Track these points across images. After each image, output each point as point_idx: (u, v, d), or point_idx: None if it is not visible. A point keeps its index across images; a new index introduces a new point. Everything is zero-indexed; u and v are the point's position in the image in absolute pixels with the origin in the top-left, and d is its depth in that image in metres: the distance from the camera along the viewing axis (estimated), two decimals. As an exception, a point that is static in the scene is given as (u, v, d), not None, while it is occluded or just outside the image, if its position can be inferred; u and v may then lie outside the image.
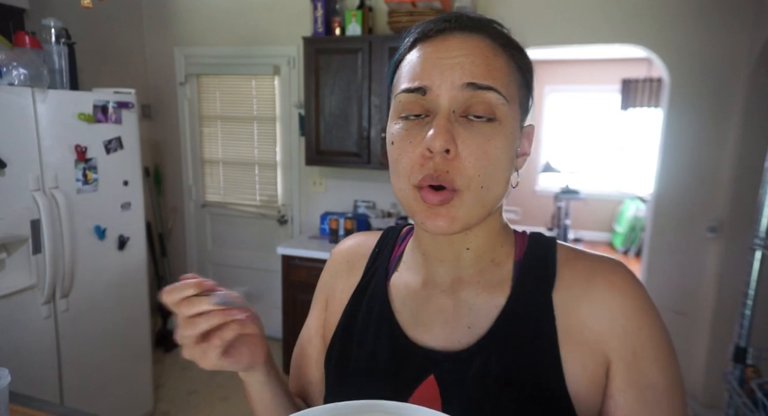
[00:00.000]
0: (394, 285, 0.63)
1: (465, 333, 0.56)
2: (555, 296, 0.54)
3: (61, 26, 2.11)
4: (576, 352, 0.52)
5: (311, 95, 2.86)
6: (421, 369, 0.56)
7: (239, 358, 0.55)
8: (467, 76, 0.49)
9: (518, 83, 0.53)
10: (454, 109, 0.50)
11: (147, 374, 2.60)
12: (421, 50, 0.53)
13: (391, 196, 3.16)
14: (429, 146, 0.48)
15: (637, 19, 2.59)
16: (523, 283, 0.56)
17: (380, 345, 0.60)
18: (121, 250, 2.37)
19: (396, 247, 0.68)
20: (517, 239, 0.60)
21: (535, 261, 0.57)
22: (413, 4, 2.54)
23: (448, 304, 0.58)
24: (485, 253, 0.58)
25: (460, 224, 0.51)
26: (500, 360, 0.53)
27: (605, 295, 0.52)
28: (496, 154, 0.50)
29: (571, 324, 0.52)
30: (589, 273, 0.54)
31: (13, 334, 1.93)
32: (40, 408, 1.15)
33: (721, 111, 2.54)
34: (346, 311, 0.65)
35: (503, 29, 0.55)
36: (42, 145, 1.99)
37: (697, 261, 2.67)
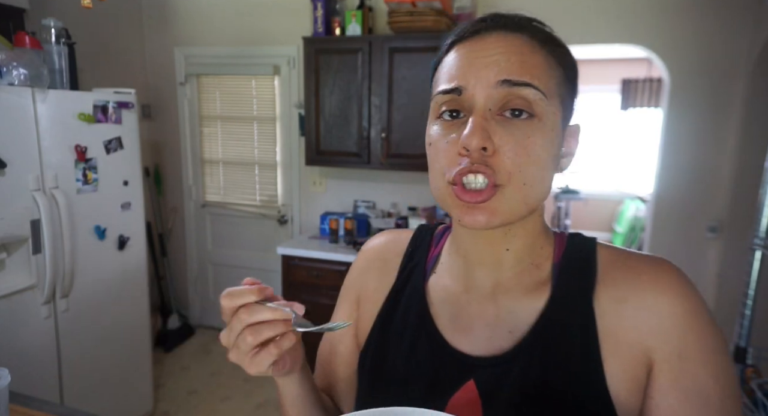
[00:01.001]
0: (432, 287, 0.62)
1: (506, 338, 0.55)
2: (596, 298, 0.52)
3: (61, 26, 2.11)
4: (617, 354, 0.50)
5: (311, 95, 2.86)
6: (460, 374, 0.55)
7: (284, 366, 0.56)
8: (502, 73, 0.48)
9: (558, 80, 0.52)
10: (490, 107, 0.49)
11: (147, 374, 2.60)
12: (458, 51, 0.52)
13: (390, 195, 3.16)
14: (464, 144, 0.48)
15: (637, 19, 2.59)
16: (562, 286, 0.55)
17: (418, 349, 0.59)
18: (121, 250, 2.37)
19: (432, 247, 0.66)
20: (556, 240, 0.59)
21: (574, 263, 0.56)
22: (413, 4, 2.54)
23: (489, 309, 0.57)
24: (525, 255, 0.56)
25: (499, 218, 0.49)
26: (541, 365, 0.52)
27: (651, 295, 0.50)
28: (536, 150, 0.49)
29: (614, 326, 0.51)
30: (633, 273, 0.52)
31: (13, 334, 1.93)
32: (40, 408, 1.15)
33: (721, 111, 2.54)
34: (382, 313, 0.64)
35: (543, 27, 0.54)
36: (42, 145, 1.98)
37: (697, 261, 2.67)
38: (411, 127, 2.71)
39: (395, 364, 0.60)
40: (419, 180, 3.08)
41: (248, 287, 0.51)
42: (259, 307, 0.50)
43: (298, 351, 0.58)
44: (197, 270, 3.75)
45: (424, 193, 3.10)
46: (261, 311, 0.50)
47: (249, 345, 0.51)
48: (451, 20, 2.70)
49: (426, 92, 2.31)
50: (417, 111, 2.69)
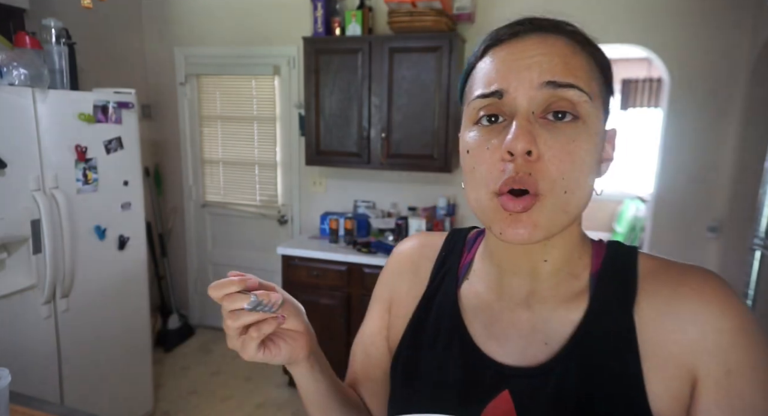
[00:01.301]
0: (465, 294, 0.61)
1: (541, 349, 0.54)
2: (636, 309, 0.50)
3: (62, 26, 2.11)
4: (660, 369, 0.48)
5: (311, 95, 2.86)
6: (495, 384, 0.54)
7: (277, 352, 0.57)
8: (546, 74, 0.47)
9: (599, 82, 0.50)
10: (534, 110, 0.47)
11: (147, 374, 2.60)
12: (495, 55, 0.50)
13: (390, 195, 3.16)
14: (509, 148, 0.45)
15: (637, 19, 2.59)
16: (601, 297, 0.53)
17: (451, 355, 0.58)
18: (121, 250, 2.37)
19: (465, 253, 0.65)
20: (594, 248, 0.57)
21: (613, 273, 0.54)
22: (413, 4, 2.54)
23: (523, 318, 0.56)
24: (563, 265, 0.54)
25: (542, 232, 0.47)
26: (579, 377, 0.50)
27: (694, 307, 0.48)
28: (581, 155, 0.47)
29: (655, 339, 0.49)
30: (676, 284, 0.50)
31: (14, 334, 1.93)
32: (40, 407, 1.15)
33: (721, 111, 2.55)
34: (414, 319, 0.64)
35: (579, 29, 0.53)
36: (42, 145, 1.99)
37: (697, 261, 2.66)
38: (411, 127, 2.71)
39: (428, 370, 0.59)
40: (419, 180, 3.09)
41: (231, 279, 0.53)
42: (237, 296, 0.52)
43: (298, 340, 0.58)
44: (197, 270, 3.76)
45: (424, 192, 3.10)
46: (239, 300, 0.52)
47: (232, 331, 0.53)
48: (451, 20, 2.70)
49: (426, 92, 2.32)
50: (417, 111, 2.69)
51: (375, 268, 2.63)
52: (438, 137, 2.67)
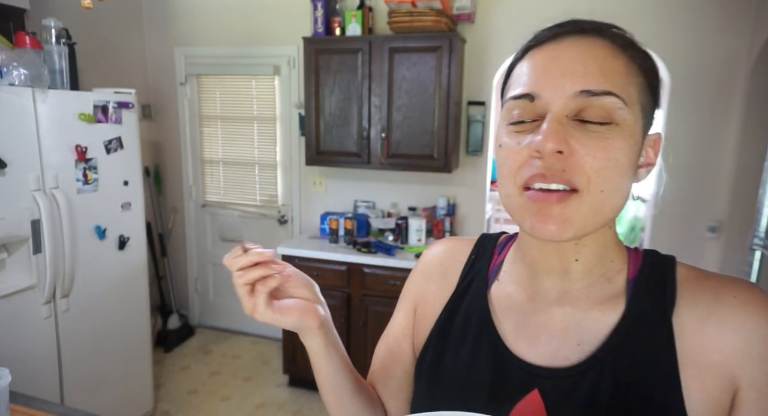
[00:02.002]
0: (495, 295, 0.61)
1: (574, 350, 0.53)
2: (675, 316, 0.50)
3: (62, 26, 2.11)
4: (699, 377, 0.48)
5: (311, 95, 2.86)
6: (525, 383, 0.54)
7: (288, 313, 0.58)
8: (580, 83, 0.46)
9: (640, 87, 0.49)
10: (567, 114, 0.47)
11: (147, 374, 2.60)
12: (533, 57, 0.50)
13: (390, 195, 3.16)
14: (538, 147, 0.46)
15: (637, 19, 2.59)
16: (638, 302, 0.52)
17: (479, 355, 0.58)
18: (121, 250, 2.37)
19: (495, 256, 0.65)
20: (631, 255, 0.57)
21: (651, 280, 0.53)
22: (413, 4, 2.54)
23: (555, 319, 0.55)
24: (595, 267, 0.54)
25: (573, 230, 0.47)
26: (613, 380, 0.50)
27: (737, 315, 0.48)
28: (616, 154, 0.46)
29: (695, 347, 0.48)
30: (717, 292, 0.50)
31: (14, 334, 1.93)
32: (40, 407, 1.16)
33: (721, 111, 2.55)
34: (442, 317, 0.64)
35: (624, 32, 0.51)
36: (42, 145, 1.99)
37: (697, 261, 2.67)
38: (411, 127, 2.71)
39: (455, 369, 0.59)
40: (419, 180, 3.09)
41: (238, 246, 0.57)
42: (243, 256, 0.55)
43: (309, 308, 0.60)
44: (197, 270, 3.76)
45: (424, 192, 3.10)
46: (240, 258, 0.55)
47: (242, 289, 0.56)
48: (451, 20, 2.70)
49: (426, 92, 2.32)
50: (417, 111, 2.69)
51: (375, 268, 2.63)
52: (438, 137, 2.67)
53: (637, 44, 0.51)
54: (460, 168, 2.98)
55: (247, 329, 3.68)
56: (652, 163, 0.53)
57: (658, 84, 0.52)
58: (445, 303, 0.64)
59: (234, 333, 3.70)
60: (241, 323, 3.69)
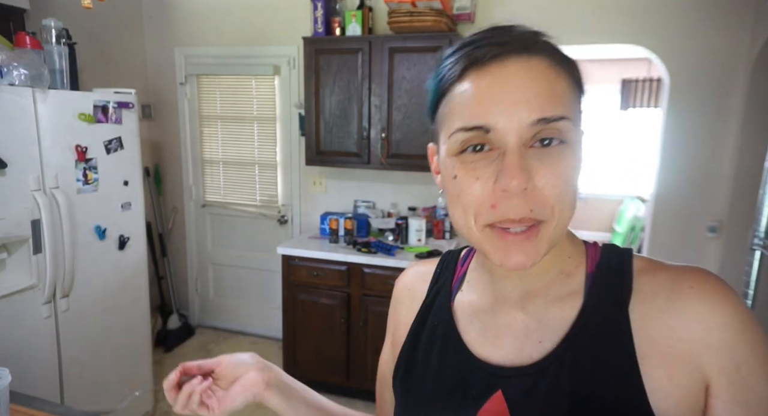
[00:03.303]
0: (459, 304, 0.63)
1: (535, 348, 0.54)
2: (632, 308, 0.51)
3: (62, 26, 2.11)
4: (663, 368, 0.48)
5: (311, 95, 2.86)
6: (489, 385, 0.55)
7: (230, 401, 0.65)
8: (536, 111, 0.45)
9: (575, 99, 0.50)
10: (524, 143, 0.47)
11: (147, 374, 2.60)
12: (476, 82, 0.48)
13: (390, 195, 3.16)
14: (505, 187, 0.45)
15: (637, 19, 2.59)
16: (596, 296, 0.53)
17: (445, 364, 0.59)
18: (121, 250, 2.37)
19: (458, 268, 0.67)
20: (589, 250, 0.58)
21: (608, 273, 0.54)
22: (413, 4, 2.54)
23: (518, 319, 0.57)
24: (553, 265, 0.56)
25: (541, 255, 0.48)
26: (573, 375, 0.51)
27: (696, 305, 0.48)
28: (568, 173, 0.48)
29: (655, 338, 0.49)
30: (674, 283, 0.50)
31: (14, 334, 1.93)
32: (40, 407, 1.16)
33: (721, 111, 2.55)
34: (411, 332, 0.66)
35: (548, 41, 0.50)
36: (42, 145, 1.99)
37: (697, 261, 2.67)
38: (411, 127, 2.71)
39: (425, 379, 0.61)
40: (419, 180, 3.09)
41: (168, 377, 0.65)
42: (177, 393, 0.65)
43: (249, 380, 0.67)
44: (197, 270, 3.76)
45: (424, 193, 3.10)
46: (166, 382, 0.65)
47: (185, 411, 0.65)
48: (451, 20, 2.70)
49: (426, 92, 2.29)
50: (417, 111, 2.69)
51: (375, 268, 2.63)
52: (438, 137, 2.67)
53: (564, 53, 0.50)
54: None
55: (247, 329, 3.68)
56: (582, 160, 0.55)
57: (582, 83, 0.52)
58: (413, 320, 0.66)
59: (234, 333, 3.69)
60: (241, 323, 3.69)
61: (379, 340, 2.72)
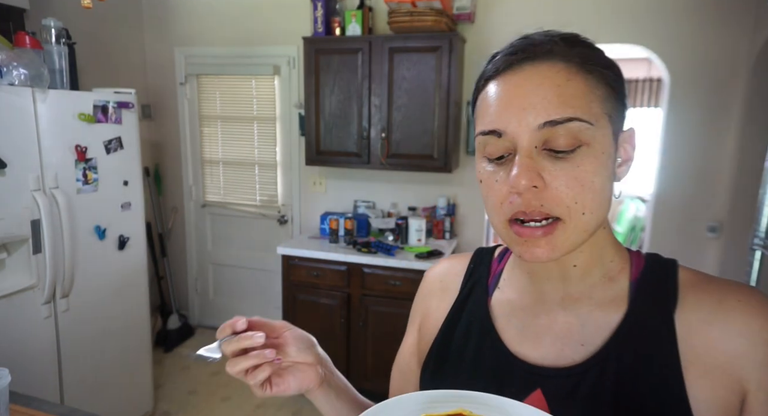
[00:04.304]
0: (497, 302, 0.63)
1: (577, 350, 0.54)
2: (678, 317, 0.51)
3: (61, 26, 2.11)
4: (706, 378, 0.48)
5: (311, 95, 2.86)
6: (527, 384, 0.55)
7: (286, 387, 0.60)
8: (542, 115, 0.47)
9: (603, 97, 0.50)
10: (536, 145, 0.48)
11: (147, 374, 2.60)
12: (493, 89, 0.52)
13: (390, 195, 3.16)
14: (513, 186, 0.48)
15: (637, 19, 2.59)
16: (640, 302, 0.54)
17: (482, 359, 0.59)
18: (121, 250, 2.37)
19: (494, 265, 0.67)
20: (633, 258, 0.58)
21: (654, 282, 0.54)
22: (413, 4, 2.54)
23: (559, 321, 0.57)
24: (594, 268, 0.56)
25: (561, 252, 0.49)
26: (616, 378, 0.51)
27: (741, 318, 0.49)
28: (589, 178, 0.48)
29: (698, 348, 0.49)
30: (721, 295, 0.51)
31: (14, 334, 1.93)
32: (40, 407, 1.16)
33: (721, 111, 2.55)
34: (444, 327, 0.65)
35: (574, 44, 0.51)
36: (42, 145, 1.99)
37: (697, 261, 2.67)
38: (411, 127, 2.71)
39: (459, 372, 0.60)
40: (419, 180, 3.08)
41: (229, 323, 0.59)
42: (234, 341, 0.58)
43: (307, 372, 0.62)
44: (197, 270, 3.76)
45: (424, 193, 3.10)
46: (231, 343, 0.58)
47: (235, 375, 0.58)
48: (451, 20, 2.70)
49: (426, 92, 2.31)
50: (417, 111, 2.69)
51: (375, 268, 2.63)
52: (438, 137, 2.67)
53: (592, 55, 0.51)
54: (460, 168, 2.98)
55: (247, 329, 3.67)
56: (630, 158, 0.55)
57: (621, 84, 0.52)
58: (446, 314, 0.66)
59: (234, 333, 3.69)
60: (241, 323, 3.69)
61: (379, 340, 2.73)
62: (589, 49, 0.51)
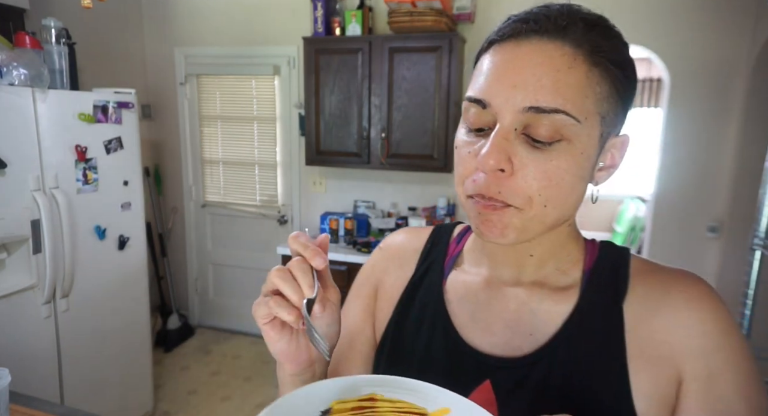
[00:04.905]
0: (452, 284, 0.61)
1: (526, 340, 0.54)
2: (626, 307, 0.51)
3: (62, 26, 2.11)
4: (647, 368, 0.49)
5: (311, 95, 2.86)
6: (477, 374, 0.54)
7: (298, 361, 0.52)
8: (530, 98, 0.44)
9: (600, 96, 0.46)
10: (516, 127, 0.46)
11: (147, 374, 2.60)
12: (492, 56, 0.48)
13: (390, 195, 3.16)
14: (480, 163, 0.46)
15: (638, 19, 2.59)
16: (591, 292, 0.53)
17: (433, 346, 0.58)
18: (121, 250, 2.37)
19: (452, 245, 0.65)
20: (587, 247, 0.57)
21: (605, 271, 0.54)
22: (413, 4, 2.54)
23: (510, 308, 0.56)
24: (550, 261, 0.55)
25: (514, 235, 0.48)
26: (563, 371, 0.51)
27: (682, 309, 0.49)
28: (559, 174, 0.46)
29: (643, 338, 0.49)
30: (666, 286, 0.51)
31: (14, 334, 1.93)
32: (40, 407, 1.16)
33: (721, 111, 2.55)
34: (398, 308, 0.63)
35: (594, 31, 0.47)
36: (42, 145, 1.98)
37: (697, 261, 2.67)
38: (411, 127, 2.71)
39: (410, 361, 0.59)
40: (419, 180, 3.08)
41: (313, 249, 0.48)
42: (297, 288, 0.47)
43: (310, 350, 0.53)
44: (197, 270, 3.76)
45: (424, 192, 3.10)
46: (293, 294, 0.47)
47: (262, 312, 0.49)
48: (451, 20, 2.70)
49: (426, 92, 2.31)
50: (417, 111, 2.69)
51: (375, 268, 2.63)
52: (438, 137, 2.67)
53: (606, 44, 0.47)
54: (460, 168, 2.98)
55: (247, 329, 3.67)
56: (614, 166, 0.52)
57: (628, 87, 0.49)
58: (401, 293, 0.64)
59: (234, 333, 3.69)
60: (241, 323, 3.69)
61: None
62: (605, 40, 0.47)
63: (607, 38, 0.48)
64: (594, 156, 0.49)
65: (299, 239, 0.49)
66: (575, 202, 0.50)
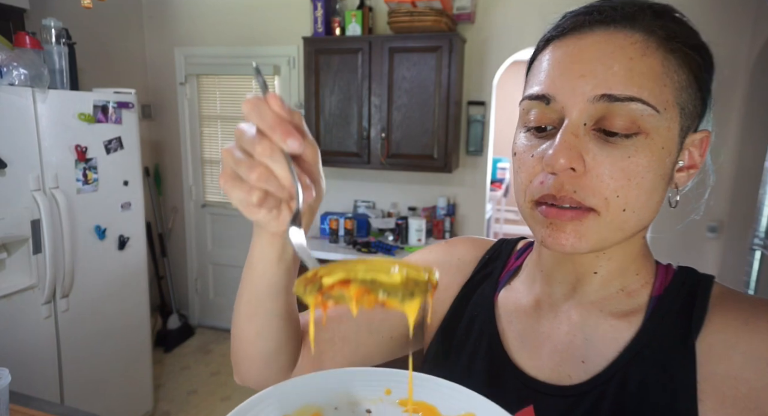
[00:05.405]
0: (503, 300, 0.57)
1: (577, 367, 0.48)
2: (700, 341, 0.44)
3: (62, 26, 2.11)
4: (722, 411, 0.42)
5: (311, 95, 2.86)
6: (520, 396, 0.50)
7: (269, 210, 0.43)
8: (601, 86, 0.40)
9: (679, 85, 0.43)
10: (585, 122, 0.42)
11: (147, 374, 2.60)
12: (552, 52, 0.44)
13: (390, 195, 3.16)
14: (548, 163, 0.41)
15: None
16: (658, 320, 0.46)
17: (477, 360, 0.55)
18: (121, 250, 2.37)
19: (511, 260, 0.61)
20: (659, 271, 0.51)
21: (679, 298, 0.47)
22: (413, 4, 2.54)
23: (561, 331, 0.51)
24: (615, 280, 0.49)
25: (589, 245, 0.43)
26: (616, 406, 0.45)
27: (764, 340, 0.41)
28: (638, 172, 0.41)
29: (718, 375, 0.42)
30: (748, 315, 0.43)
31: (14, 334, 1.92)
32: (40, 407, 1.16)
33: (721, 111, 2.55)
34: (448, 315, 0.60)
35: (666, 18, 0.43)
36: (42, 145, 1.98)
37: (697, 261, 2.67)
38: (411, 127, 2.71)
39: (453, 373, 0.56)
40: (419, 180, 3.08)
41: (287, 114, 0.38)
42: (284, 160, 0.38)
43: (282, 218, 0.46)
44: (197, 270, 3.75)
45: (424, 192, 3.10)
46: (284, 167, 0.38)
47: (245, 186, 0.41)
48: (451, 20, 2.70)
49: (426, 92, 2.31)
50: (417, 111, 2.69)
51: (375, 268, 2.63)
52: (438, 137, 2.67)
53: (681, 32, 0.44)
54: (460, 168, 2.98)
55: (247, 329, 3.67)
56: (695, 166, 0.48)
57: (707, 77, 0.46)
58: (452, 301, 0.61)
59: (234, 333, 3.69)
60: (241, 323, 3.69)
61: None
62: (678, 25, 0.44)
63: (678, 23, 0.44)
64: (675, 152, 0.45)
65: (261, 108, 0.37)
66: (656, 205, 0.44)
